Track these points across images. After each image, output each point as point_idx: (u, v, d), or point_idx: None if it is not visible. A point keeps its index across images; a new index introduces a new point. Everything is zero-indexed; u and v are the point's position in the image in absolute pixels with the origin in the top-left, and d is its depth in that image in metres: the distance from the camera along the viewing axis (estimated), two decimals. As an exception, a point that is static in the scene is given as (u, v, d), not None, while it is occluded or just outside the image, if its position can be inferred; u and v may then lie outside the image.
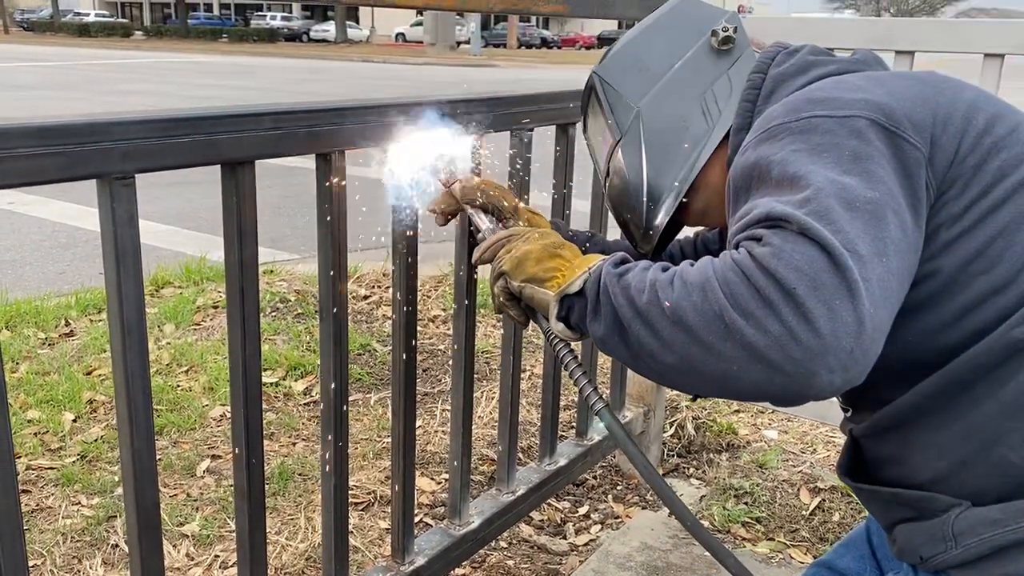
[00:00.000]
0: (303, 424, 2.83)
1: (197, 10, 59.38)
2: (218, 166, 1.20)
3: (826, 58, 1.08)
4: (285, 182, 5.80)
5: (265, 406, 2.34)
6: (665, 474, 2.56)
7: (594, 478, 2.56)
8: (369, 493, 2.43)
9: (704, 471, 2.57)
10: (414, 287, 1.53)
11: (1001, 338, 0.88)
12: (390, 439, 1.65)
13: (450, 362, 2.50)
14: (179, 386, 3.05)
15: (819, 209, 0.81)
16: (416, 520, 1.87)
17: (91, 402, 2.90)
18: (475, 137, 1.55)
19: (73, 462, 2.54)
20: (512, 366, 1.86)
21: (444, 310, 3.85)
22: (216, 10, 61.38)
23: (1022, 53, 1.94)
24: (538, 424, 2.25)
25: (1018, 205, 0.89)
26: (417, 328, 1.58)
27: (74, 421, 2.77)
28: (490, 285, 1.16)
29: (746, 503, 2.38)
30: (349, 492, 1.56)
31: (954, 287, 0.89)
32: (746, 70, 1.12)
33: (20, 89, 15.13)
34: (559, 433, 2.16)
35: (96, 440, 2.66)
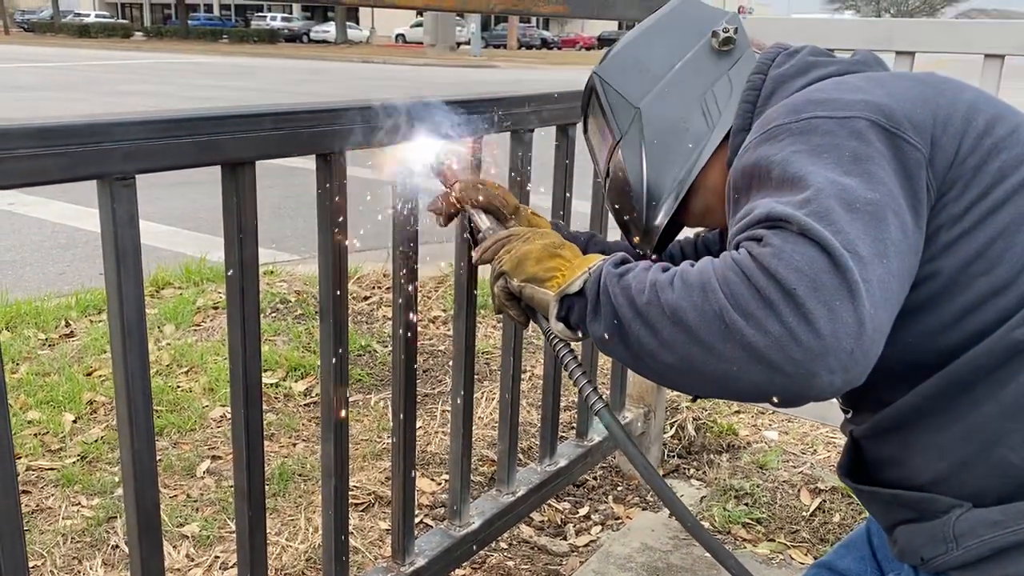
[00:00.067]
0: (303, 425, 2.83)
1: (197, 11, 59.39)
2: (219, 167, 1.20)
3: (826, 59, 1.08)
4: (286, 183, 5.80)
5: (265, 407, 2.34)
6: (665, 475, 2.56)
7: (594, 479, 2.56)
8: (369, 494, 2.43)
9: (704, 472, 2.57)
10: (414, 288, 1.53)
11: (1001, 339, 0.88)
12: (390, 440, 1.65)
13: (450, 363, 2.50)
14: (179, 387, 3.05)
15: (819, 210, 0.81)
16: (416, 521, 1.87)
17: (91, 403, 2.90)
18: (475, 138, 1.55)
19: (73, 463, 2.54)
20: (512, 367, 1.86)
21: (444, 311, 3.85)
22: (216, 11, 61.42)
23: (1022, 54, 1.94)
24: (538, 425, 2.25)
25: (1018, 206, 0.89)
26: (417, 329, 1.58)
27: (74, 422, 2.78)
28: (490, 285, 1.16)
29: (746, 504, 2.37)
30: (349, 493, 1.56)
31: (954, 288, 0.89)
32: (746, 71, 1.12)
33: (20, 90, 15.13)
34: (559, 434, 2.16)
35: (96, 441, 2.66)
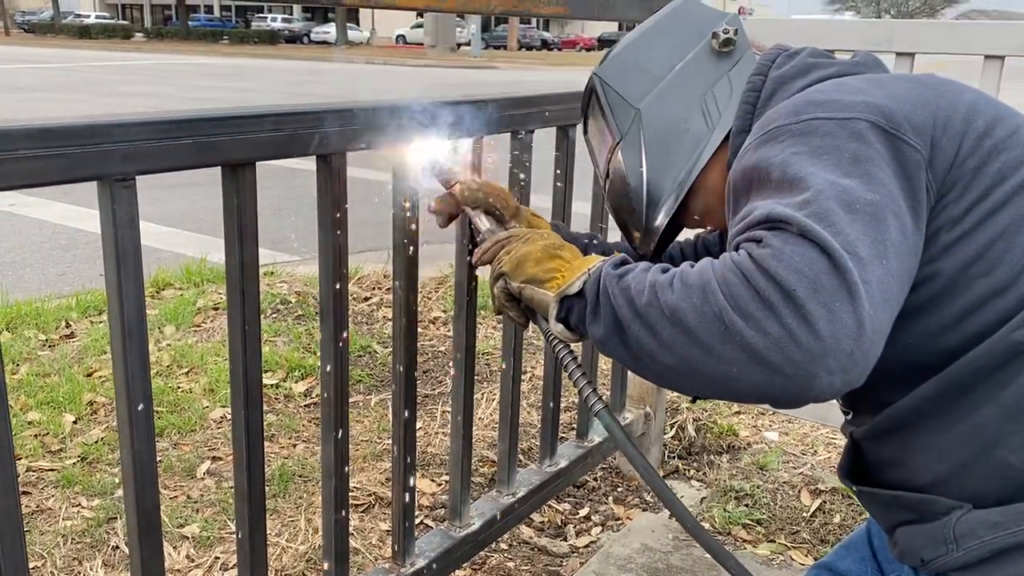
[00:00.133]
0: (303, 426, 2.83)
1: (198, 12, 59.42)
2: (219, 168, 1.20)
3: (826, 60, 1.08)
4: (286, 183, 5.80)
5: (265, 408, 2.33)
6: (666, 476, 2.56)
7: (595, 480, 2.56)
8: (370, 495, 2.43)
9: (705, 473, 2.56)
10: (415, 289, 1.53)
11: (1001, 341, 0.88)
12: (390, 441, 1.65)
13: (450, 364, 2.50)
14: (179, 388, 3.05)
15: (819, 211, 0.81)
16: (417, 522, 1.87)
17: (91, 404, 2.90)
18: (476, 139, 1.55)
19: (73, 464, 2.54)
20: (512, 367, 1.86)
21: (445, 311, 3.85)
22: (217, 12, 61.45)
23: (1022, 55, 1.94)
24: (538, 426, 2.25)
25: (1018, 207, 0.89)
26: (418, 330, 1.58)
27: (74, 423, 2.78)
28: (490, 286, 1.16)
29: (747, 505, 2.37)
30: (349, 494, 1.56)
31: (954, 290, 0.89)
32: (746, 72, 1.12)
33: (21, 91, 15.14)
34: (559, 435, 2.16)
35: (96, 442, 2.66)
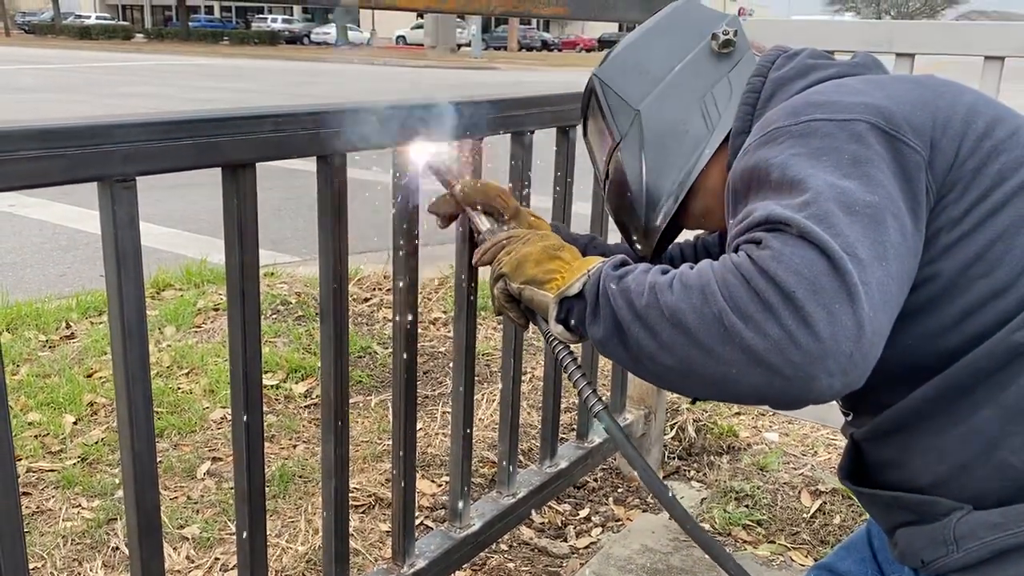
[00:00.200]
0: (304, 426, 2.83)
1: (198, 12, 59.44)
2: (219, 168, 1.20)
3: (826, 61, 1.08)
4: (286, 184, 5.80)
5: (266, 408, 2.34)
6: (666, 476, 2.56)
7: (595, 480, 2.56)
8: (370, 495, 2.43)
9: (705, 474, 2.56)
10: (415, 289, 1.53)
11: (1001, 342, 0.87)
12: (391, 441, 1.65)
13: (451, 364, 2.50)
14: (180, 388, 3.05)
15: (819, 213, 0.81)
16: (417, 523, 1.87)
17: (92, 404, 2.90)
18: (476, 139, 1.55)
19: (73, 464, 2.54)
20: (513, 368, 1.86)
21: (445, 312, 3.85)
22: (217, 12, 61.47)
23: (1022, 56, 1.94)
24: (539, 426, 2.25)
25: (1018, 209, 0.89)
26: (418, 330, 1.58)
27: (75, 423, 2.78)
28: (490, 287, 1.16)
29: (747, 506, 2.37)
30: (349, 494, 1.56)
31: (954, 291, 0.89)
32: (746, 73, 1.12)
33: (21, 92, 15.15)
34: (560, 435, 2.16)
35: (97, 442, 2.66)
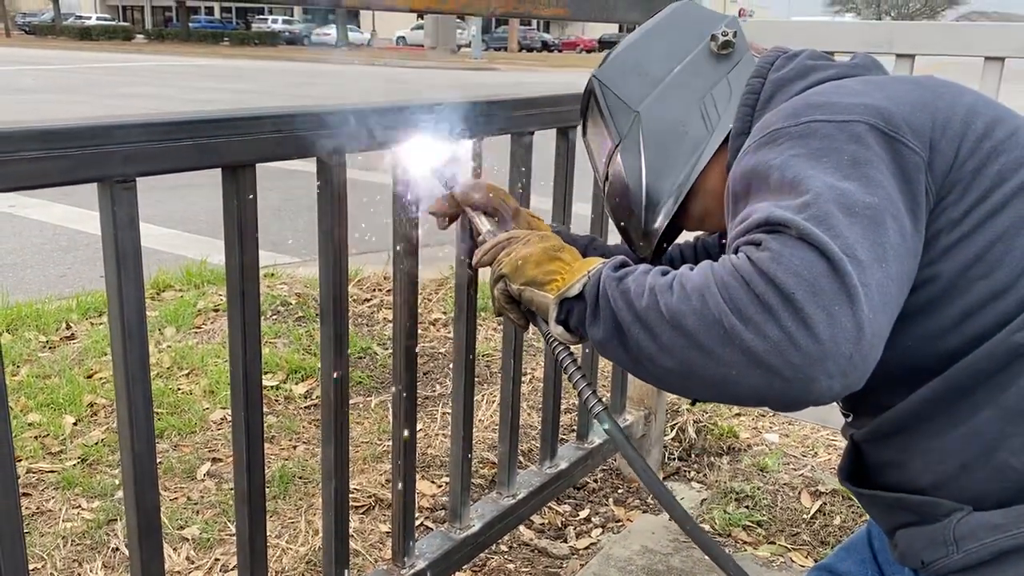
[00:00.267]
0: (304, 427, 2.83)
1: (198, 13, 59.45)
2: (219, 169, 1.20)
3: (825, 62, 1.08)
4: (286, 185, 5.81)
5: (266, 409, 2.34)
6: (666, 477, 2.56)
7: (595, 481, 2.56)
8: (370, 496, 2.43)
9: (705, 474, 2.56)
10: (415, 290, 1.53)
11: (1002, 343, 0.87)
12: (391, 442, 1.65)
13: (451, 365, 2.50)
14: (180, 389, 3.05)
15: (818, 214, 0.81)
16: (416, 523, 1.87)
17: (92, 405, 2.90)
18: (476, 140, 1.55)
19: (74, 465, 2.54)
20: (513, 369, 1.86)
21: (445, 313, 3.85)
22: (217, 13, 61.46)
23: (1023, 56, 1.94)
24: (539, 427, 2.25)
25: (1017, 209, 0.89)
26: (418, 331, 1.58)
27: (75, 424, 2.78)
28: (490, 288, 1.16)
29: (747, 506, 2.37)
30: (349, 495, 1.56)
31: (954, 292, 0.89)
32: (745, 74, 1.12)
33: (22, 92, 15.15)
34: (560, 436, 2.16)
35: (97, 443, 2.66)
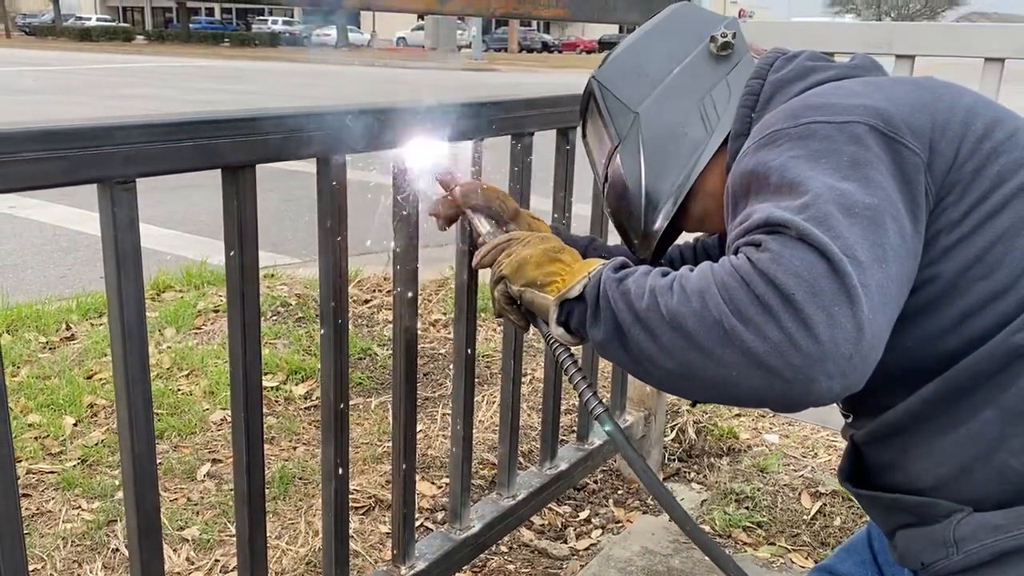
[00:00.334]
0: (304, 428, 2.83)
1: (199, 14, 59.45)
2: (219, 170, 1.20)
3: (824, 63, 1.08)
4: (286, 186, 5.80)
5: (266, 410, 2.34)
6: (666, 478, 2.56)
7: (595, 482, 2.56)
8: (370, 497, 2.43)
9: (705, 475, 2.56)
10: (415, 291, 1.54)
11: (1002, 344, 0.87)
12: (391, 443, 1.65)
13: (451, 366, 2.50)
14: (180, 390, 3.05)
15: (818, 215, 0.81)
16: (417, 524, 1.87)
17: (92, 406, 2.90)
18: (476, 141, 1.55)
19: (73, 466, 2.54)
20: (513, 370, 1.86)
21: (445, 314, 3.85)
22: (218, 14, 61.44)
23: (1023, 57, 1.94)
24: (539, 428, 2.25)
25: (1017, 210, 0.89)
26: (418, 332, 1.58)
27: (75, 425, 2.78)
28: (490, 289, 1.16)
29: (747, 507, 2.37)
30: (350, 496, 1.56)
31: (953, 293, 0.89)
32: (745, 75, 1.12)
33: (22, 93, 15.15)
34: (560, 437, 2.16)
35: (97, 444, 2.66)
